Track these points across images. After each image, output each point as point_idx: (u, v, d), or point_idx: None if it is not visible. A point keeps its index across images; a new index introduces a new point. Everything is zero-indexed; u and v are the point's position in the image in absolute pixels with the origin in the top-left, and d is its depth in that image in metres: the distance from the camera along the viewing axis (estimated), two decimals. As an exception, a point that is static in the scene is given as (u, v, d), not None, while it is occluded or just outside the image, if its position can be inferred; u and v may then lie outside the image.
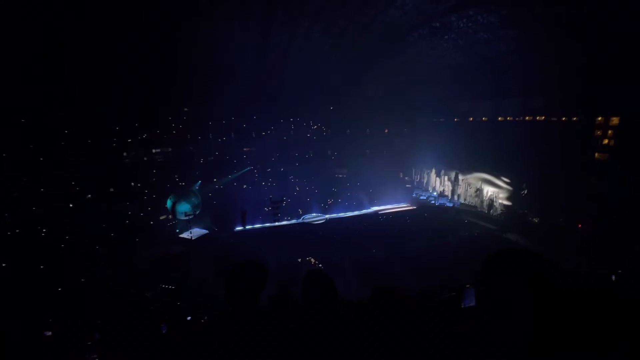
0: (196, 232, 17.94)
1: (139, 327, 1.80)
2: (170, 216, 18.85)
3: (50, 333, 5.54)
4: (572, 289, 1.06)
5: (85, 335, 4.49)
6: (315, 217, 20.38)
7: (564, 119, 16.74)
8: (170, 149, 22.98)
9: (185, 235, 17.74)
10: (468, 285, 4.37)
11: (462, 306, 4.16)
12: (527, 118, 18.82)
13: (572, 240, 13.42)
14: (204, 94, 21.18)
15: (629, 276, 5.60)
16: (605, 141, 15.14)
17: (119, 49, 14.43)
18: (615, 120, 14.90)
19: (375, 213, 21.17)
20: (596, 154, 15.48)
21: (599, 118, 15.33)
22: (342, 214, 20.80)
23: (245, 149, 26.27)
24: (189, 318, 7.03)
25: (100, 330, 4.67)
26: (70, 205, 15.90)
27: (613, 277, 5.54)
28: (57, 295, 11.27)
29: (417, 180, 26.50)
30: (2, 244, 13.16)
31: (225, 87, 21.15)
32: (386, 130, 28.23)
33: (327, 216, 20.41)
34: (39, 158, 15.50)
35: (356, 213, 21.16)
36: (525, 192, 17.01)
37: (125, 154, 20.24)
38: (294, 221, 19.67)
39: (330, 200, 22.51)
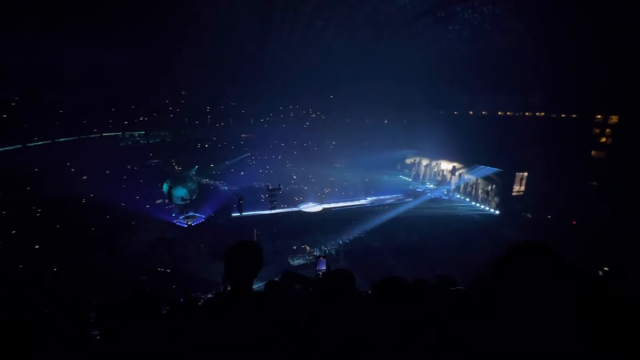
0: (192, 217, 17.96)
1: (137, 308, 1.81)
2: (166, 200, 18.82)
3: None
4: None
5: (81, 314, 4.53)
6: (311, 206, 20.42)
7: (563, 115, 16.70)
8: (167, 133, 22.79)
9: (181, 219, 17.76)
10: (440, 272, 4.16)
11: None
12: (526, 114, 18.77)
13: (566, 236, 13.65)
14: (202, 79, 20.89)
15: (617, 273, 5.68)
16: (603, 139, 15.17)
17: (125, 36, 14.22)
18: (614, 119, 14.90)
19: (371, 203, 21.26)
20: (593, 152, 15.53)
21: (598, 116, 15.32)
22: (338, 204, 20.85)
23: (243, 135, 26.08)
24: (182, 300, 7.10)
25: (96, 309, 4.69)
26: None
27: (600, 273, 5.61)
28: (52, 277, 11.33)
29: (415, 172, 26.53)
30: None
31: (225, 73, 20.85)
32: (385, 121, 28.07)
33: (324, 205, 20.45)
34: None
35: (352, 203, 21.23)
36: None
37: (122, 136, 20.07)
38: (290, 209, 19.70)
39: (327, 189, 22.54)
